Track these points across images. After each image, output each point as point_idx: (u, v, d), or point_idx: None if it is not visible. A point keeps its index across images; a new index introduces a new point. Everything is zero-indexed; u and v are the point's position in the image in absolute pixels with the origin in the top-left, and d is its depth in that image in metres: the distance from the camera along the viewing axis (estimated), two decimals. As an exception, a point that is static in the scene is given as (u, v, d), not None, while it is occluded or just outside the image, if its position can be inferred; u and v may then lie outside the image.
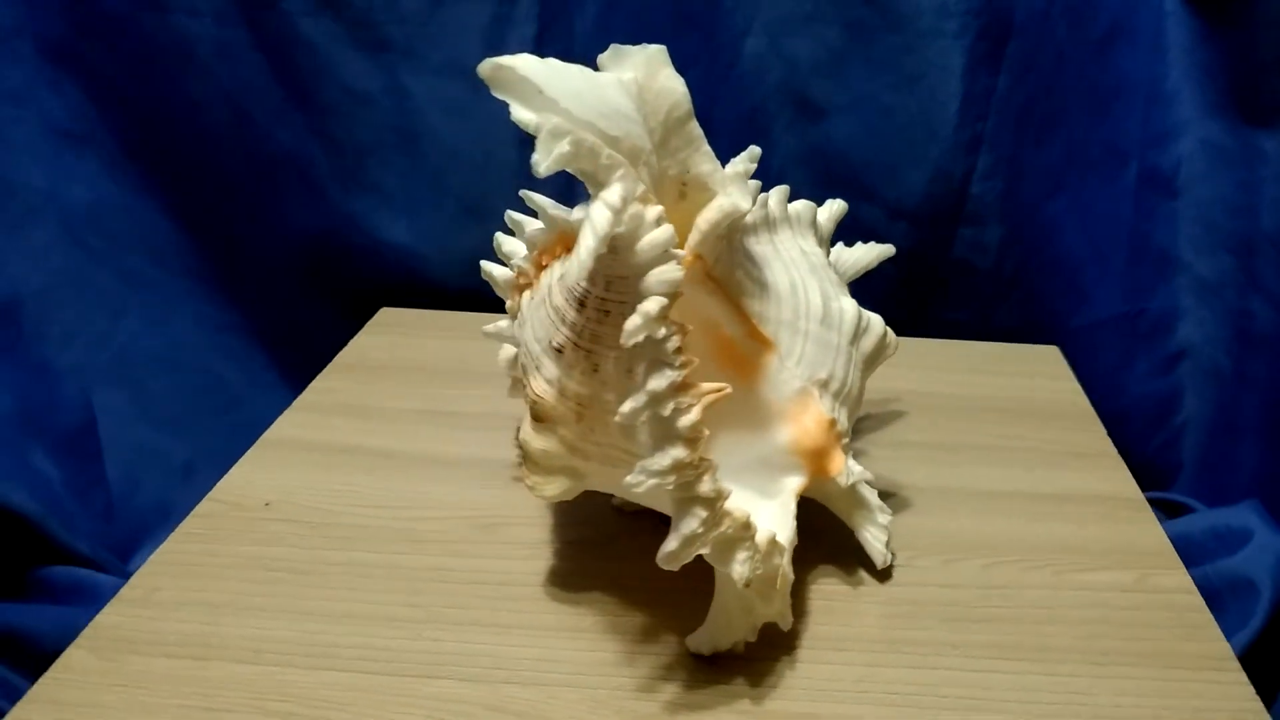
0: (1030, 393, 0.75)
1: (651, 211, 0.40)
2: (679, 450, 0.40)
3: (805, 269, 0.52)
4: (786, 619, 0.46)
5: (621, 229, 0.38)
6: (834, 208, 0.59)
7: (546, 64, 0.40)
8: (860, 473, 0.53)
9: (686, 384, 0.40)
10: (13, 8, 0.76)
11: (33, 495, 0.71)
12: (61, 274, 0.80)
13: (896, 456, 0.62)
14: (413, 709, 0.45)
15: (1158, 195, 0.79)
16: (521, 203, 0.52)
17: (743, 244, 0.50)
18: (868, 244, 0.62)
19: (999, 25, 0.80)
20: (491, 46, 0.81)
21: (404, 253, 0.86)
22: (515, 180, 0.81)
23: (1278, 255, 0.75)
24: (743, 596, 0.45)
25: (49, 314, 0.79)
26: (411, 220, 0.86)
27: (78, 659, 0.48)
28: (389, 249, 0.86)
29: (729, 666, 0.47)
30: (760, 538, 0.43)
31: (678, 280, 0.40)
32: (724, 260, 0.48)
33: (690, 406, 0.40)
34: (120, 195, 0.83)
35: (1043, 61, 0.81)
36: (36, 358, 0.78)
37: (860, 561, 0.55)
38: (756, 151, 0.50)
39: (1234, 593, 0.65)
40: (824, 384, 0.50)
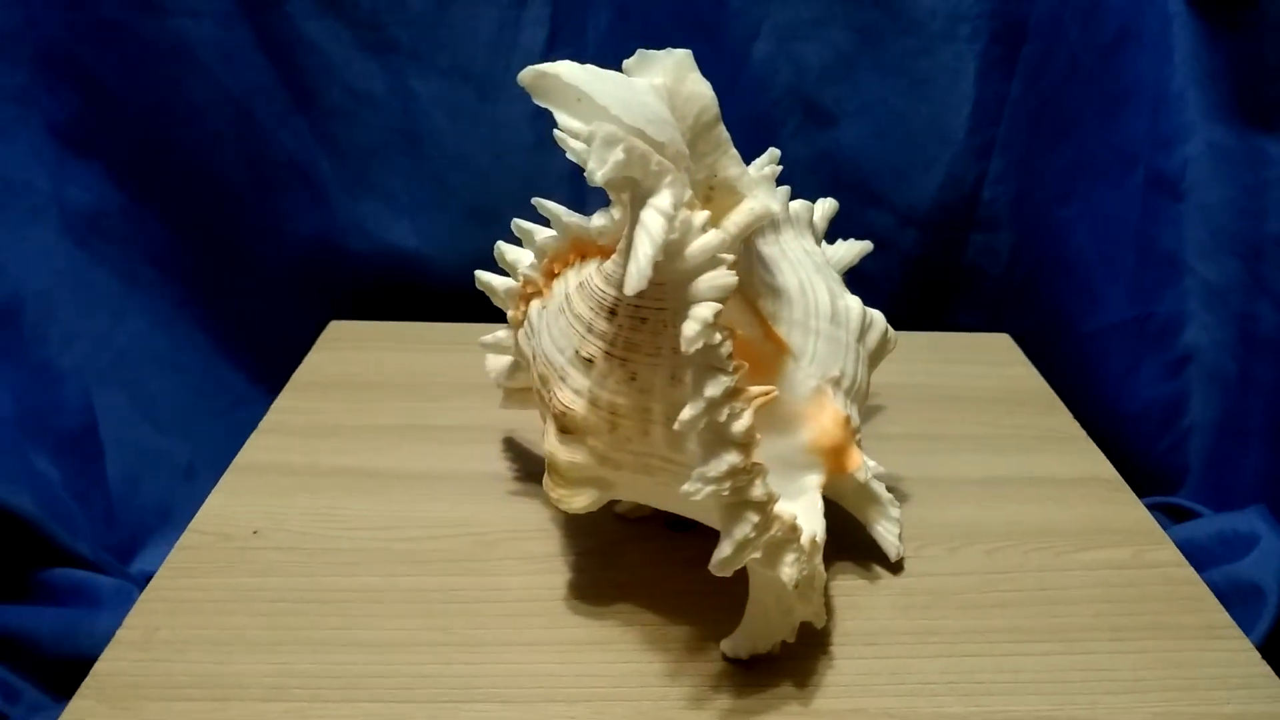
0: (992, 380, 0.75)
1: (699, 217, 0.40)
2: (733, 456, 0.40)
3: (810, 268, 0.52)
4: (821, 617, 0.46)
5: (674, 235, 0.38)
6: (826, 206, 0.59)
7: (588, 70, 0.40)
8: (874, 467, 0.53)
9: (738, 389, 0.40)
10: (14, 10, 0.76)
11: (33, 497, 0.71)
12: (63, 275, 0.80)
13: (879, 449, 0.62)
14: (461, 735, 0.44)
15: (1164, 199, 0.79)
16: (526, 209, 0.51)
17: (755, 246, 0.50)
18: (848, 241, 0.62)
19: (1012, 29, 0.80)
20: (499, 50, 0.81)
21: (408, 256, 0.86)
22: (520, 184, 0.82)
23: (1285, 259, 0.76)
24: (782, 598, 0.44)
25: (50, 315, 0.79)
26: (416, 224, 0.85)
27: (85, 709, 0.44)
28: (393, 252, 0.86)
29: (767, 668, 0.47)
30: (804, 539, 0.43)
31: (731, 285, 0.40)
32: (742, 262, 0.48)
33: (742, 411, 0.40)
34: (122, 197, 0.82)
35: (1055, 66, 0.81)
36: (37, 359, 0.77)
37: (871, 555, 0.55)
38: (776, 153, 0.50)
39: (1240, 597, 0.65)
40: (836, 381, 0.50)
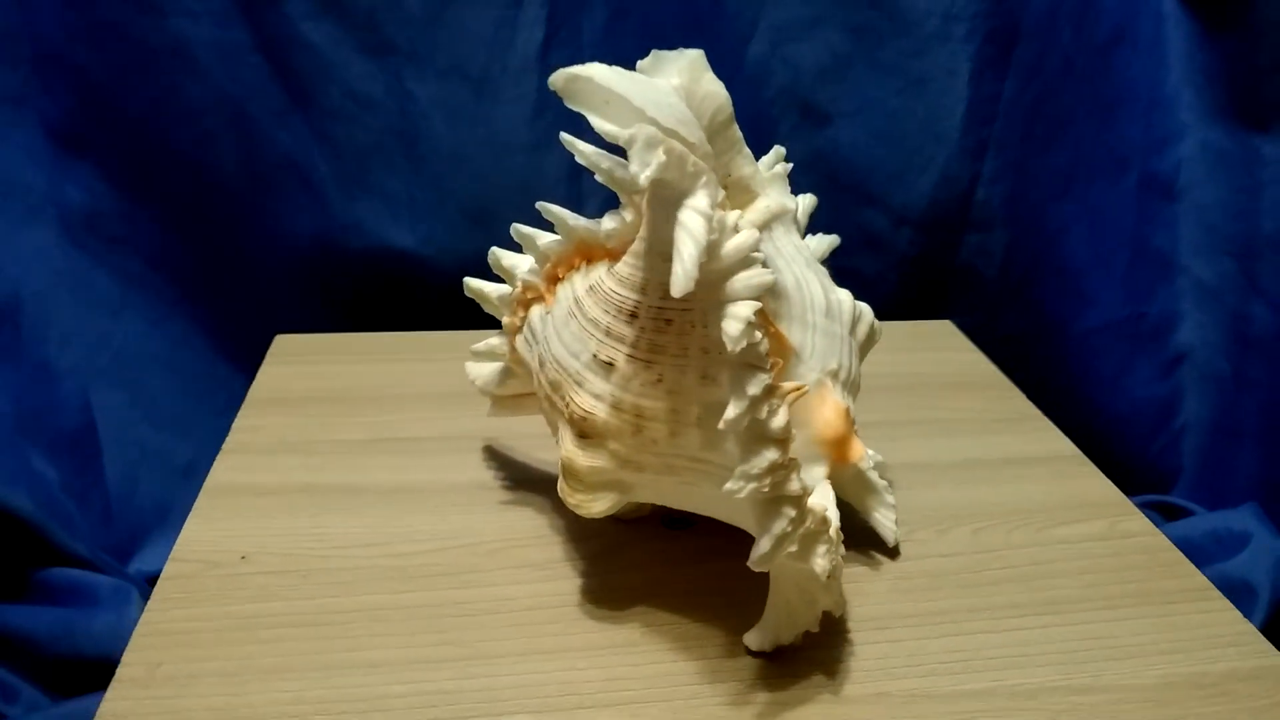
0: (944, 367, 0.76)
1: (731, 216, 0.40)
2: (772, 452, 0.40)
3: (802, 264, 0.52)
4: (841, 605, 0.47)
5: (714, 236, 0.38)
6: (806, 201, 0.59)
7: (619, 72, 0.40)
8: (873, 456, 0.53)
9: (774, 385, 0.40)
10: (11, 10, 0.76)
11: (31, 496, 0.71)
12: (61, 275, 0.80)
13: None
14: (496, 749, 0.43)
15: (1158, 199, 0.79)
16: (524, 209, 0.51)
17: (756, 243, 0.50)
18: (816, 235, 0.62)
19: (1007, 30, 0.81)
20: (496, 51, 0.81)
21: (406, 257, 0.86)
22: (518, 184, 0.82)
23: (1277, 258, 0.76)
24: (806, 589, 0.45)
25: (48, 315, 0.79)
26: (413, 225, 0.85)
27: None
28: (390, 253, 0.86)
29: (789, 659, 0.47)
30: (832, 529, 0.43)
31: (769, 283, 0.40)
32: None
33: (779, 408, 0.40)
34: (119, 198, 0.82)
35: (1049, 66, 0.82)
36: (36, 359, 0.77)
37: (867, 541, 0.55)
38: (782, 151, 0.50)
39: (1234, 595, 0.66)
40: (835, 374, 0.50)
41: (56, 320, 0.79)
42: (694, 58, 0.43)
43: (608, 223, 0.46)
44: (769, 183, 0.46)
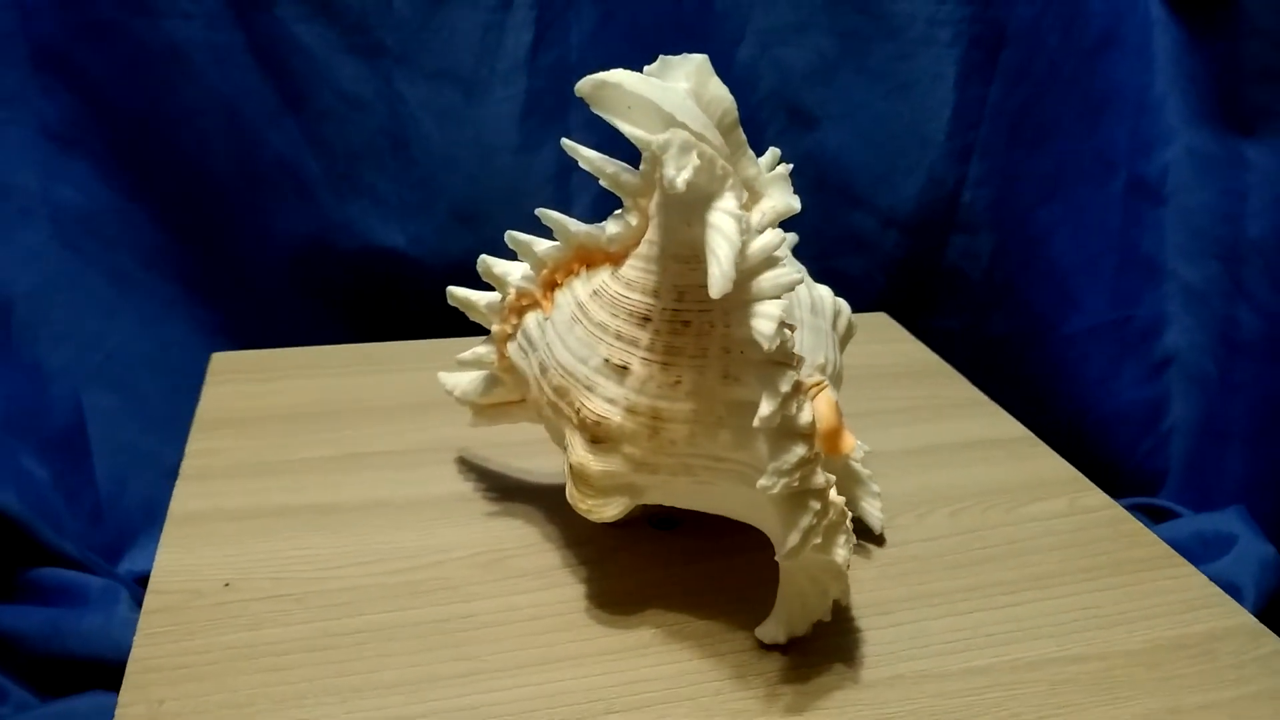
0: (888, 357, 0.76)
1: (754, 217, 0.41)
2: (801, 447, 0.40)
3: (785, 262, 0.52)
4: (848, 592, 0.47)
5: (746, 236, 0.39)
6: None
7: (644, 79, 0.40)
8: (861, 446, 0.54)
9: (800, 382, 0.41)
10: (5, 11, 0.76)
11: (21, 496, 0.71)
12: (53, 276, 0.80)
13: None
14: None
15: (1145, 203, 0.80)
16: (513, 210, 0.51)
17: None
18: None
19: (992, 34, 0.81)
20: (485, 53, 0.81)
21: (396, 258, 0.86)
22: (507, 185, 0.82)
23: (1263, 262, 0.77)
24: (818, 580, 0.45)
25: (40, 316, 0.79)
26: (404, 225, 0.86)
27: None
28: (381, 254, 0.86)
29: (801, 649, 0.47)
30: (849, 520, 0.44)
31: (796, 281, 0.40)
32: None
33: (804, 403, 0.41)
34: (112, 198, 0.82)
35: (1035, 70, 0.82)
36: (27, 359, 0.77)
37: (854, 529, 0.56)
38: (777, 152, 0.51)
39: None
40: (822, 368, 0.51)
41: (48, 321, 0.79)
42: (700, 62, 0.43)
43: (611, 227, 0.46)
44: (771, 184, 0.46)
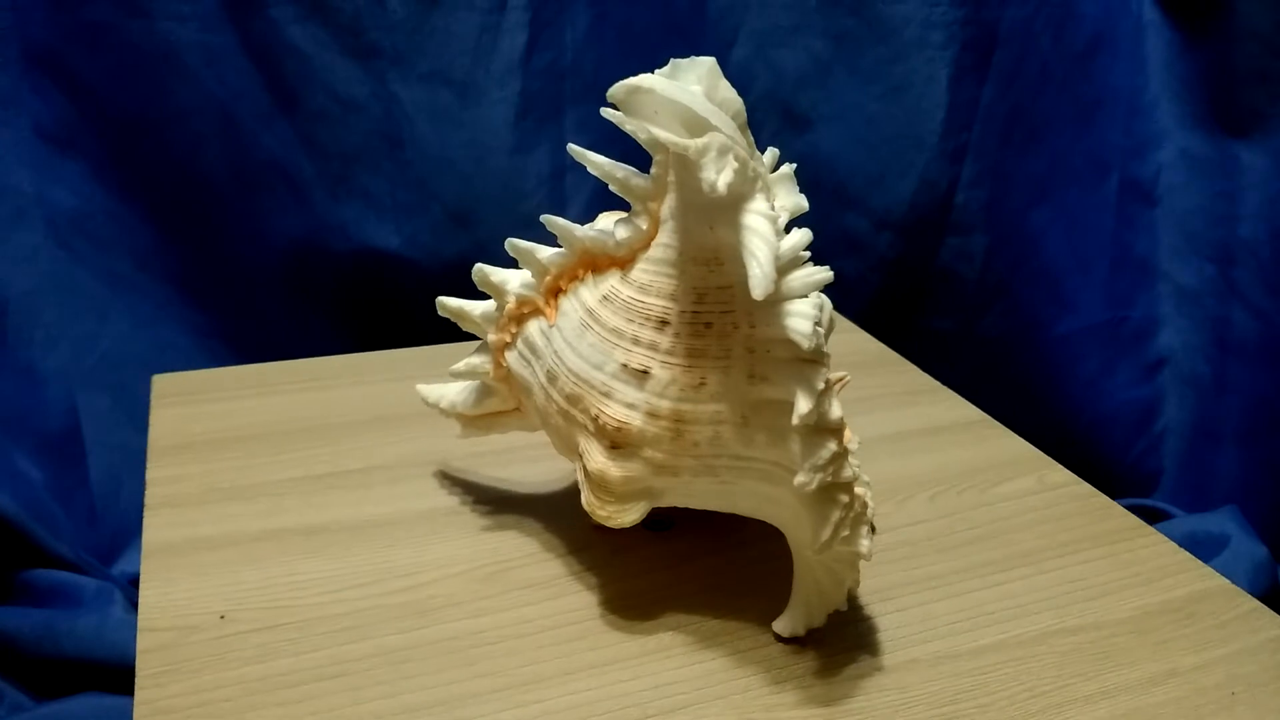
0: (833, 348, 0.75)
1: (782, 218, 0.41)
2: (833, 443, 0.40)
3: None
4: (859, 581, 0.47)
5: (780, 237, 0.39)
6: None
7: (676, 85, 0.41)
8: (855, 439, 0.54)
9: (829, 378, 0.41)
10: (0, 13, 0.76)
11: (15, 498, 0.71)
12: (47, 277, 0.80)
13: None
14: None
15: (1138, 204, 0.80)
16: (506, 212, 0.50)
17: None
18: None
19: (984, 36, 0.82)
20: (480, 54, 0.81)
21: (391, 259, 0.86)
22: (501, 187, 0.82)
23: (1256, 263, 0.77)
24: (833, 570, 0.45)
25: (34, 317, 0.79)
26: (398, 227, 0.86)
27: None
28: (376, 255, 0.86)
29: (818, 640, 0.47)
30: (870, 511, 0.44)
31: (827, 279, 0.41)
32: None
33: (833, 399, 0.41)
34: (106, 200, 0.82)
35: (1027, 72, 0.83)
36: (21, 361, 0.77)
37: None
38: (776, 153, 0.51)
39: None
40: None
41: (42, 322, 0.79)
42: (710, 65, 0.43)
43: (620, 231, 0.45)
44: (778, 183, 0.47)
